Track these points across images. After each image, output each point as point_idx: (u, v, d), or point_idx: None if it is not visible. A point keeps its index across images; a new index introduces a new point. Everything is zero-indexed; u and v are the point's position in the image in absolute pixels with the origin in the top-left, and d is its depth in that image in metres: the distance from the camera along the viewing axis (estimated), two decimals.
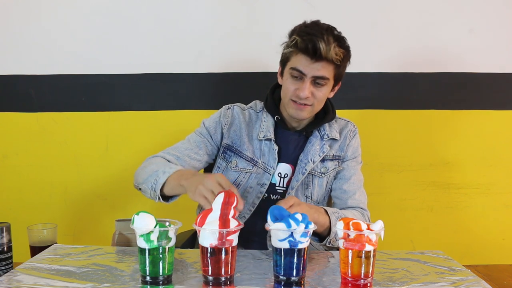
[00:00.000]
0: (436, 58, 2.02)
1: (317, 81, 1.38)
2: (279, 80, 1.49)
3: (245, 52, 2.00)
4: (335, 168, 1.51)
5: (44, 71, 1.98)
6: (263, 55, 1.99)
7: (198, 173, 1.33)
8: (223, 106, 1.56)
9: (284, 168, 1.48)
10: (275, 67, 1.52)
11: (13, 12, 1.96)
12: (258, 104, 1.57)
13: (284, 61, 1.44)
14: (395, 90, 2.03)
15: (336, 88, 1.49)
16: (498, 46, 2.02)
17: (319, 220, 1.29)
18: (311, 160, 1.47)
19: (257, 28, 1.99)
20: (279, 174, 1.48)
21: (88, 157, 2.03)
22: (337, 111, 1.61)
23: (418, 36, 2.01)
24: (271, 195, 1.48)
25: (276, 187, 1.48)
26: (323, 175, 1.49)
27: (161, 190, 1.30)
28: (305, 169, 1.46)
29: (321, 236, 1.35)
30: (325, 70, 1.36)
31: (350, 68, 2.05)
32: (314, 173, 1.49)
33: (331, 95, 1.49)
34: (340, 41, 1.37)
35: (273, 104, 1.51)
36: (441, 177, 2.07)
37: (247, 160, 1.48)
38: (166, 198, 1.33)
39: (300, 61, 1.36)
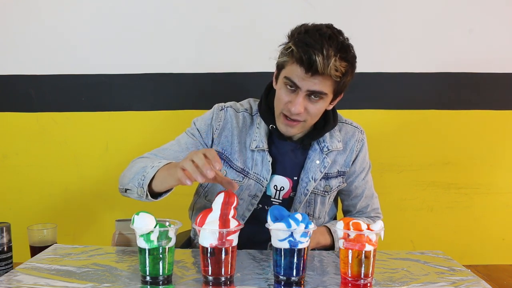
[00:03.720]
0: (436, 58, 2.02)
1: (312, 95, 1.25)
2: (274, 84, 1.36)
3: (245, 52, 2.00)
4: (339, 185, 1.43)
5: (44, 71, 1.98)
6: (263, 55, 1.97)
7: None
8: (216, 106, 1.44)
9: (281, 181, 1.38)
10: (274, 67, 1.51)
11: (13, 12, 1.96)
12: (253, 105, 1.45)
13: (279, 67, 1.31)
14: (395, 90, 2.03)
15: (337, 100, 1.35)
16: (498, 46, 2.02)
17: (320, 242, 1.33)
18: (312, 179, 1.37)
19: (257, 28, 1.99)
20: (275, 187, 1.39)
21: (88, 157, 2.03)
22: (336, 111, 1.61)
23: (418, 36, 2.01)
24: (266, 207, 1.39)
25: (272, 199, 1.39)
26: (326, 193, 1.41)
27: (150, 185, 1.18)
28: (307, 189, 1.37)
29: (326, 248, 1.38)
30: (322, 85, 1.23)
31: None
32: (317, 192, 1.40)
33: (330, 107, 1.36)
34: (344, 51, 1.21)
35: (267, 111, 1.37)
36: (441, 177, 2.07)
37: (237, 171, 1.37)
38: (155, 195, 1.21)
39: (294, 72, 1.23)
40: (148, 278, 1.02)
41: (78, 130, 2.02)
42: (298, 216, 1.01)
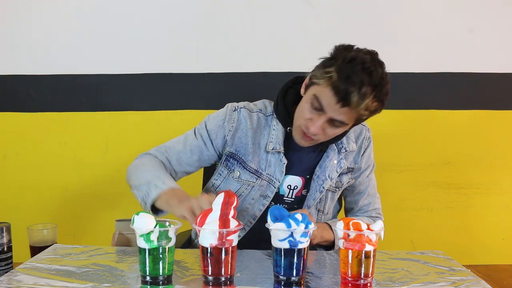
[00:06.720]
0: (436, 58, 2.02)
1: (334, 122, 1.26)
2: (302, 91, 1.32)
3: (245, 52, 2.00)
4: (349, 181, 1.45)
5: (44, 71, 1.98)
6: (263, 54, 1.99)
7: (190, 197, 1.19)
8: (229, 106, 1.41)
9: (293, 180, 1.39)
10: (275, 67, 1.50)
11: (13, 12, 1.96)
12: (267, 106, 1.43)
13: (313, 81, 1.26)
14: (395, 90, 2.02)
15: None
16: (498, 46, 2.02)
17: (324, 236, 1.34)
18: (328, 177, 1.39)
19: (257, 27, 1.99)
20: (289, 186, 1.39)
21: (88, 157, 2.03)
22: None
23: (418, 36, 2.01)
24: (278, 204, 1.38)
25: (284, 198, 1.41)
26: (337, 189, 1.44)
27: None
28: (323, 187, 1.39)
29: (327, 246, 1.39)
30: (347, 116, 1.24)
31: None
32: (330, 188, 1.42)
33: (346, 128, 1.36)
34: (379, 89, 1.20)
35: (284, 112, 1.36)
36: (441, 177, 2.07)
37: (251, 172, 1.37)
38: (156, 210, 1.27)
39: (325, 96, 1.21)
40: (148, 278, 1.02)
41: (78, 130, 2.02)
42: (298, 216, 1.01)
